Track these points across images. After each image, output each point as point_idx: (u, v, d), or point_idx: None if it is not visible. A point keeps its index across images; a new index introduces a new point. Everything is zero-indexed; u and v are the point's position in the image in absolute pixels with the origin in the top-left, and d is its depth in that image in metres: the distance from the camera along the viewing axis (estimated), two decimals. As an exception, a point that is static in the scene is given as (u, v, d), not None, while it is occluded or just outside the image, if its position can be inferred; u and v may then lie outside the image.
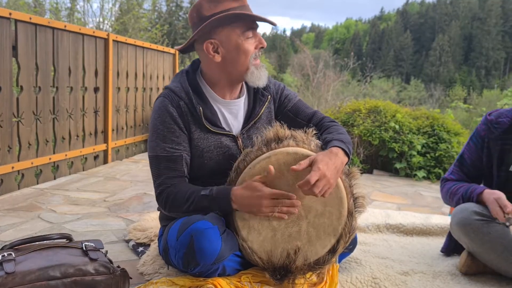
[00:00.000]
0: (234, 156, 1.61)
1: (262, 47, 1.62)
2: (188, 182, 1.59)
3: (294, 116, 1.74)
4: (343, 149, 1.50)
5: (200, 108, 1.58)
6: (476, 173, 1.94)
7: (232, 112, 1.67)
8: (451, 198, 1.94)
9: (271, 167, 1.43)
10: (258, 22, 1.62)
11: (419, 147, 4.57)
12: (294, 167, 1.42)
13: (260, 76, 1.61)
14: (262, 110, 1.70)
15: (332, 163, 1.43)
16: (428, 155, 4.62)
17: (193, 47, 1.67)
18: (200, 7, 1.56)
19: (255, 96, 1.71)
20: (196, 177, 1.62)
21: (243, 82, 1.71)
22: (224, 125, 1.64)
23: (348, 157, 1.53)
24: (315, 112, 1.76)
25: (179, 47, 1.67)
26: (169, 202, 1.54)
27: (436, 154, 4.57)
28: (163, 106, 1.57)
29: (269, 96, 1.72)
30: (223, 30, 1.56)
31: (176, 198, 1.52)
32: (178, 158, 1.56)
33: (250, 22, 1.58)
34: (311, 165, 1.42)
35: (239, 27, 1.56)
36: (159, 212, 1.76)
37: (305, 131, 1.58)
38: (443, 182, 2.02)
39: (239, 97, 1.70)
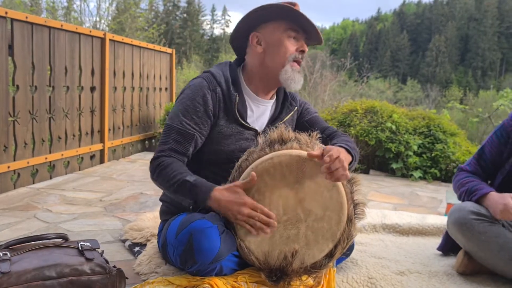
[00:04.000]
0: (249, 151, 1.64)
1: (302, 51, 1.69)
2: (185, 163, 1.61)
3: (309, 126, 1.81)
4: (345, 148, 1.55)
5: (237, 95, 1.63)
6: (492, 167, 1.93)
7: (259, 110, 1.73)
8: (458, 189, 1.95)
9: (254, 174, 1.44)
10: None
11: (415, 148, 4.59)
12: (310, 152, 1.45)
13: (294, 78, 1.66)
14: (287, 117, 1.77)
15: (342, 151, 1.48)
16: (424, 155, 4.63)
17: (245, 42, 1.73)
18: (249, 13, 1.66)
19: (284, 103, 1.79)
20: (209, 162, 1.65)
21: (276, 90, 1.78)
22: (249, 120, 1.69)
23: (351, 157, 1.56)
24: (329, 126, 1.85)
25: (230, 38, 1.77)
26: (158, 170, 1.55)
27: (432, 155, 4.59)
28: (200, 86, 1.61)
29: (296, 107, 1.81)
30: (269, 25, 1.65)
31: (166, 169, 1.53)
32: (190, 136, 1.58)
33: (294, 24, 1.65)
34: (322, 157, 1.44)
35: (284, 25, 1.64)
36: (160, 207, 1.77)
37: (309, 135, 1.59)
38: (458, 171, 2.02)
39: (270, 98, 1.76)
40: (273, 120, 1.74)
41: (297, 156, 1.49)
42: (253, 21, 1.67)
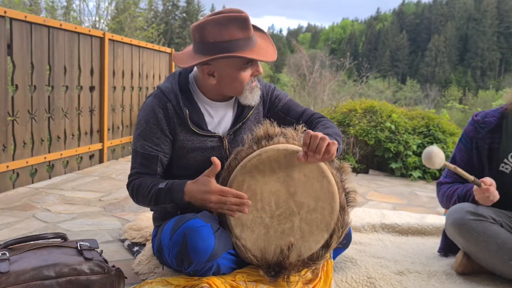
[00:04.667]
0: (218, 158, 1.60)
1: (258, 73, 1.62)
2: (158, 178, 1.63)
3: (285, 115, 1.76)
4: (329, 135, 1.51)
5: (187, 111, 1.60)
6: (469, 173, 1.94)
7: (219, 114, 1.69)
8: (448, 201, 1.95)
9: (214, 158, 1.47)
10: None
11: (414, 147, 4.59)
12: (300, 157, 1.42)
13: (252, 98, 1.64)
14: (251, 112, 1.71)
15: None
16: (423, 155, 4.63)
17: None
18: (204, 30, 1.51)
19: None
20: (182, 177, 1.63)
21: None
22: (210, 127, 1.65)
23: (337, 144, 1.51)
24: (305, 109, 1.77)
25: (181, 66, 1.64)
26: (134, 192, 1.60)
27: (432, 154, 4.59)
28: (151, 106, 1.61)
29: (259, 101, 1.73)
30: (222, 61, 1.55)
31: (139, 189, 1.58)
32: (153, 157, 1.61)
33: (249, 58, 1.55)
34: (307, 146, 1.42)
35: (238, 63, 1.55)
36: (152, 212, 1.77)
37: (295, 128, 1.60)
38: (438, 186, 2.03)
39: (229, 99, 1.71)
40: (236, 121, 1.69)
41: (285, 150, 1.50)
42: (203, 62, 1.56)
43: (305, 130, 1.58)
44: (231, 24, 1.50)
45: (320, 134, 1.40)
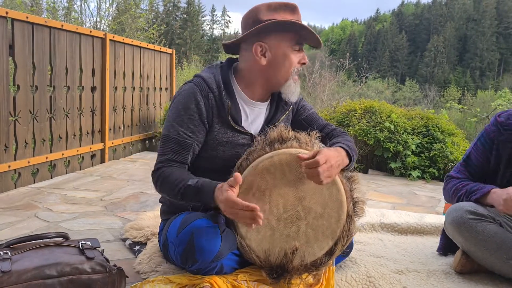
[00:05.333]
0: None
1: (304, 63, 1.67)
2: (187, 170, 1.61)
3: (307, 125, 1.79)
4: (345, 150, 1.55)
5: (229, 102, 1.61)
6: (482, 173, 1.92)
7: (254, 113, 1.71)
8: (454, 195, 1.92)
9: (238, 175, 1.38)
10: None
11: (413, 147, 4.60)
12: (301, 155, 1.45)
13: (294, 91, 1.67)
14: (283, 117, 1.75)
15: (335, 156, 1.47)
16: (422, 155, 4.65)
17: (237, 48, 1.70)
18: (258, 11, 1.59)
19: (278, 103, 1.75)
20: (207, 169, 1.64)
21: None
22: (244, 124, 1.67)
23: (350, 160, 1.56)
24: (328, 123, 1.83)
25: (227, 42, 1.70)
26: (160, 180, 1.55)
27: (431, 154, 4.61)
28: (192, 92, 1.59)
29: (291, 106, 1.79)
30: (275, 36, 1.60)
31: (168, 179, 1.53)
32: (188, 145, 1.58)
33: (299, 36, 1.62)
34: (315, 156, 1.44)
35: (290, 38, 1.61)
36: (160, 207, 1.78)
37: (309, 134, 1.60)
38: (448, 179, 2.00)
39: (265, 101, 1.74)
40: (268, 122, 1.72)
41: (297, 154, 1.51)
42: (259, 31, 1.60)
43: (318, 137, 1.61)
44: (282, 9, 1.59)
45: (332, 163, 1.43)
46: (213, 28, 79.36)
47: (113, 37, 4.41)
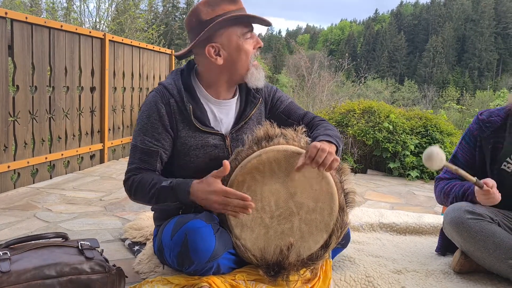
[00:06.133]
0: (219, 156, 1.62)
1: (259, 47, 1.66)
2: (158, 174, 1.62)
3: (286, 117, 1.78)
4: (328, 141, 1.53)
5: (190, 106, 1.60)
6: (470, 172, 1.95)
7: (222, 112, 1.69)
8: (445, 198, 1.96)
9: (226, 162, 1.43)
10: (253, 24, 1.65)
11: (412, 147, 4.61)
12: (298, 166, 1.46)
13: (259, 77, 1.66)
14: (253, 111, 1.72)
15: (325, 145, 1.47)
16: (421, 155, 4.65)
17: (190, 52, 1.69)
18: (198, 12, 1.58)
19: (247, 97, 1.73)
20: (182, 177, 1.61)
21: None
22: (213, 125, 1.66)
23: (335, 146, 1.54)
24: (306, 112, 1.80)
25: (178, 53, 1.70)
26: (132, 188, 1.56)
27: (430, 155, 4.61)
28: (153, 101, 1.60)
29: (260, 99, 1.75)
30: (224, 33, 1.59)
31: (139, 185, 1.54)
32: (153, 153, 1.59)
33: (248, 23, 1.62)
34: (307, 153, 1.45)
35: (238, 29, 1.60)
36: (153, 212, 1.78)
37: (295, 129, 1.61)
38: (437, 181, 2.04)
39: (232, 97, 1.72)
40: (239, 119, 1.69)
41: (284, 151, 1.51)
42: (205, 35, 1.58)
43: (305, 131, 1.61)
44: (222, 1, 1.58)
45: (327, 148, 1.44)
46: (212, 29, 79.19)
47: (112, 37, 4.41)
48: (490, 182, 1.75)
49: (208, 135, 1.63)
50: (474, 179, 1.72)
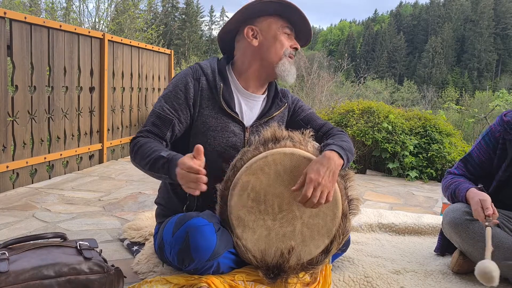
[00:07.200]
0: (236, 145, 1.64)
1: (296, 48, 1.71)
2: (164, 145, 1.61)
3: (305, 125, 1.80)
4: (337, 152, 1.52)
5: (222, 85, 1.64)
6: (481, 172, 1.94)
7: (248, 105, 1.72)
8: (445, 192, 1.97)
9: (200, 146, 1.33)
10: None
11: (411, 148, 4.62)
12: (294, 188, 1.46)
13: (290, 70, 1.69)
14: (277, 112, 1.76)
15: (325, 168, 1.45)
16: (420, 155, 4.67)
17: (233, 39, 1.75)
18: (249, 5, 1.66)
19: (274, 99, 1.78)
20: None
21: (267, 86, 1.78)
22: (237, 110, 1.68)
23: (344, 161, 1.54)
24: (326, 122, 1.83)
25: (221, 31, 1.75)
26: (135, 148, 1.55)
27: (428, 155, 4.62)
28: (184, 74, 1.65)
29: (286, 103, 1.80)
30: (265, 20, 1.67)
31: (142, 147, 1.53)
32: (168, 120, 1.60)
33: (289, 22, 1.69)
34: (303, 185, 1.45)
35: (280, 21, 1.68)
36: (155, 209, 1.78)
37: (302, 133, 1.60)
38: (446, 175, 2.04)
39: (260, 93, 1.76)
40: (262, 116, 1.72)
41: (291, 154, 1.51)
42: (249, 14, 1.66)
43: (312, 135, 1.61)
44: None
45: (320, 181, 1.43)
46: (212, 29, 79.38)
47: (112, 37, 4.41)
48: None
49: (229, 120, 1.65)
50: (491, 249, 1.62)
